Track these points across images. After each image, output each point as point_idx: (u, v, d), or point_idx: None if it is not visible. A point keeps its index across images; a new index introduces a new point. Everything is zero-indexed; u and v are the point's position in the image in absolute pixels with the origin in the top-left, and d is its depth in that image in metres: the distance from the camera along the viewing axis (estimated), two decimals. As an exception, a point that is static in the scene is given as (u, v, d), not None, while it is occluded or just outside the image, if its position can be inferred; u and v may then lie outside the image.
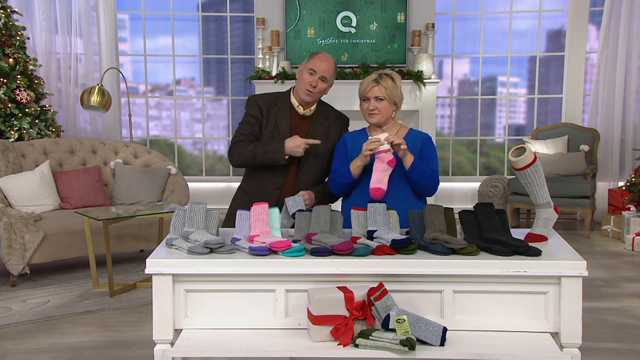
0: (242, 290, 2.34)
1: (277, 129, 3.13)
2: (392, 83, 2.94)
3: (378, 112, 2.95)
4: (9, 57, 6.08)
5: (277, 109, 3.15)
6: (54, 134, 6.31)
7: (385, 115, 2.96)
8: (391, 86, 2.94)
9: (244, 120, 3.20)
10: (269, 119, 3.15)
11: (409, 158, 2.87)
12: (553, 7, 7.51)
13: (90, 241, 4.72)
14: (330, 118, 3.21)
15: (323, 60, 3.06)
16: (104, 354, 3.63)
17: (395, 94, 2.95)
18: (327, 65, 3.05)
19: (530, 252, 2.33)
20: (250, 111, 3.19)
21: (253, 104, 3.18)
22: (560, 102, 7.52)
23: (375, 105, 2.94)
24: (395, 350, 2.14)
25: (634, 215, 6.18)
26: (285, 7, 6.96)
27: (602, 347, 3.70)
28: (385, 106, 2.95)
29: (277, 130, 3.13)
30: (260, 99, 3.20)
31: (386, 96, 2.93)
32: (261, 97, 3.23)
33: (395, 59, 6.98)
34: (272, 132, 3.13)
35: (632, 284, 4.96)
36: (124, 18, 7.60)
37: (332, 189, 3.07)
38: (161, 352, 2.28)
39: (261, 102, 3.18)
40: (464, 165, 7.87)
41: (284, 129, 3.13)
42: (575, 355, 2.23)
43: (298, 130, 3.15)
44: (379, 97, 2.93)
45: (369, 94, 2.95)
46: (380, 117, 2.96)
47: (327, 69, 3.05)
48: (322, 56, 3.08)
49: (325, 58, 3.08)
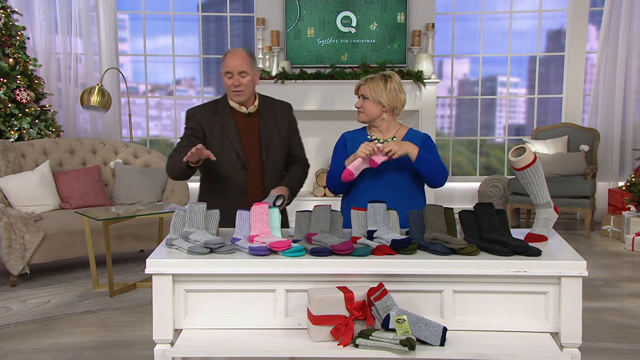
0: (242, 290, 2.34)
1: (225, 135, 3.07)
2: (382, 85, 2.92)
3: (362, 111, 2.96)
4: (9, 57, 6.08)
5: (218, 116, 3.10)
6: (54, 134, 6.31)
7: (370, 114, 2.96)
8: (379, 87, 2.91)
9: (182, 135, 3.14)
10: (211, 128, 3.08)
11: (413, 150, 2.87)
12: (553, 7, 7.51)
13: (90, 241, 4.73)
14: (275, 109, 3.18)
15: (233, 57, 3.01)
16: (104, 354, 3.63)
17: (381, 95, 2.92)
18: (239, 58, 3.00)
19: (530, 252, 2.32)
20: (188, 124, 3.13)
21: (191, 117, 3.12)
22: (560, 102, 7.52)
23: (361, 103, 2.96)
24: (395, 350, 2.14)
25: (634, 215, 6.18)
26: (285, 7, 6.96)
27: (602, 347, 3.70)
28: (370, 106, 2.94)
29: (225, 136, 3.07)
30: (198, 111, 3.14)
31: (370, 96, 2.93)
32: (199, 108, 3.17)
33: (395, 59, 6.98)
34: (220, 140, 3.07)
35: (632, 284, 4.96)
36: (124, 18, 7.60)
37: (330, 186, 3.06)
38: (161, 352, 2.28)
39: (199, 113, 3.12)
40: (464, 165, 7.87)
41: (232, 133, 3.07)
42: (575, 355, 2.23)
43: (248, 129, 3.11)
44: (364, 95, 2.95)
45: (359, 91, 2.98)
46: (364, 116, 2.97)
47: (241, 63, 3.00)
48: (231, 53, 3.03)
49: (234, 53, 3.03)
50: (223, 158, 3.05)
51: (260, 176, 3.12)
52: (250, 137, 3.12)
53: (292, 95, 6.83)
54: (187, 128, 3.13)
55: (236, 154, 3.07)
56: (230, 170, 3.07)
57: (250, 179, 3.09)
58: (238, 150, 3.07)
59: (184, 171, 2.95)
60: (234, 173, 3.07)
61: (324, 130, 6.96)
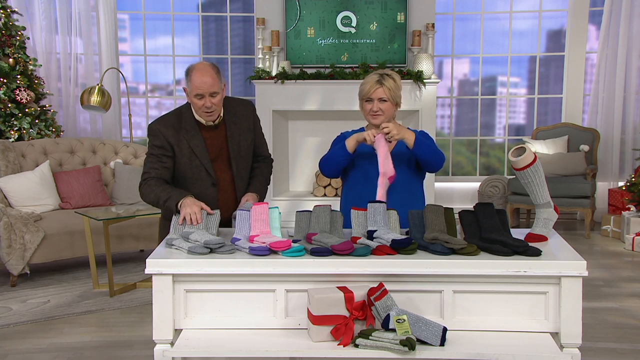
0: (242, 290, 2.34)
1: (194, 153, 2.94)
2: (394, 84, 2.95)
3: (382, 113, 2.94)
4: (9, 57, 6.08)
5: (185, 131, 2.93)
6: (54, 134, 6.31)
7: (388, 116, 2.97)
8: (394, 87, 2.95)
9: (149, 153, 2.95)
10: (180, 145, 2.93)
11: (410, 136, 2.86)
12: (553, 7, 7.51)
13: (90, 241, 4.73)
14: (237, 113, 3.05)
15: (202, 76, 2.81)
16: (104, 354, 3.63)
17: (397, 94, 2.97)
18: (209, 77, 2.81)
19: (530, 252, 2.33)
20: (155, 142, 2.92)
21: (157, 134, 2.93)
22: (560, 102, 7.52)
23: (379, 106, 2.94)
24: (395, 350, 2.14)
25: (634, 215, 6.18)
26: (285, 7, 6.95)
27: (602, 347, 3.70)
28: (389, 107, 2.95)
29: (194, 154, 2.94)
30: (163, 127, 2.93)
31: (390, 97, 2.93)
32: (163, 123, 2.96)
33: (395, 59, 6.98)
34: (189, 159, 2.94)
35: (632, 284, 4.96)
36: (124, 18, 7.60)
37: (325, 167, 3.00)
38: (161, 352, 2.28)
39: (165, 130, 2.92)
40: (464, 165, 7.87)
41: (200, 151, 2.94)
42: (575, 355, 2.23)
43: (215, 142, 2.98)
44: (382, 98, 2.93)
45: (373, 95, 2.93)
46: (383, 118, 2.96)
47: (212, 83, 2.82)
48: (199, 72, 2.82)
49: (203, 72, 2.82)
50: (192, 176, 2.96)
51: (232, 187, 3.04)
52: (218, 150, 3.01)
53: (292, 95, 6.83)
54: (154, 146, 2.93)
55: (206, 171, 2.97)
56: (200, 188, 2.97)
57: (222, 194, 3.01)
58: (208, 168, 2.96)
59: (163, 209, 2.87)
60: (204, 190, 2.97)
61: (324, 130, 6.96)
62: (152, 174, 2.89)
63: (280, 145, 7.06)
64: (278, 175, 6.87)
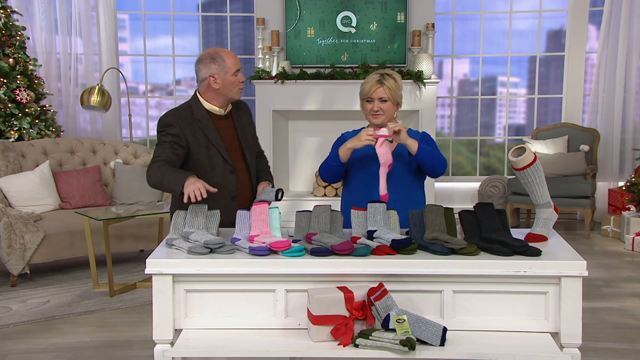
0: (242, 290, 2.34)
1: (209, 141, 2.97)
2: (395, 83, 2.96)
3: (382, 112, 2.95)
4: (9, 57, 6.08)
5: (198, 121, 2.97)
6: (54, 134, 6.31)
7: (389, 115, 2.97)
8: (394, 86, 2.95)
9: (161, 142, 2.94)
10: (195, 135, 2.96)
11: (413, 143, 2.87)
12: (553, 7, 7.51)
13: (90, 241, 4.73)
14: (239, 107, 3.14)
15: (233, 54, 3.00)
16: (104, 354, 3.63)
17: (398, 94, 2.97)
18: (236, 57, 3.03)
19: (530, 252, 2.32)
20: (170, 131, 2.93)
21: (173, 123, 2.95)
22: (560, 102, 7.52)
23: (380, 106, 2.94)
24: (395, 350, 2.14)
25: (634, 215, 6.18)
26: (285, 7, 6.95)
27: (602, 347, 3.70)
28: (389, 107, 2.96)
29: (210, 142, 2.97)
30: (178, 118, 2.96)
31: (390, 97, 2.94)
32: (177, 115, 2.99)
33: (395, 59, 6.98)
34: (205, 147, 2.96)
35: (632, 284, 4.96)
36: (124, 18, 7.60)
37: (323, 174, 3.06)
38: (161, 352, 2.28)
39: (180, 121, 2.95)
40: (464, 165, 7.87)
41: (215, 139, 2.98)
42: (575, 355, 2.23)
43: (227, 132, 3.04)
44: (383, 98, 2.94)
45: (374, 94, 2.94)
46: (384, 117, 2.96)
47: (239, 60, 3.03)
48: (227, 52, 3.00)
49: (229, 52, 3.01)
50: (211, 164, 2.98)
51: (248, 177, 3.10)
52: (231, 139, 3.06)
53: (292, 95, 6.83)
54: (168, 134, 2.93)
55: (223, 159, 3.00)
56: (220, 177, 2.99)
57: (240, 182, 3.06)
58: (224, 155, 3.00)
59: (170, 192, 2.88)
60: (223, 179, 2.99)
61: (324, 130, 6.96)
62: (163, 157, 2.89)
63: (280, 145, 7.06)
64: (278, 175, 6.87)
